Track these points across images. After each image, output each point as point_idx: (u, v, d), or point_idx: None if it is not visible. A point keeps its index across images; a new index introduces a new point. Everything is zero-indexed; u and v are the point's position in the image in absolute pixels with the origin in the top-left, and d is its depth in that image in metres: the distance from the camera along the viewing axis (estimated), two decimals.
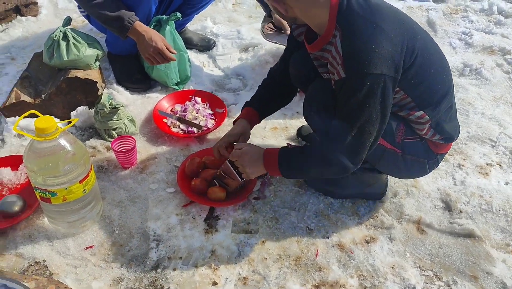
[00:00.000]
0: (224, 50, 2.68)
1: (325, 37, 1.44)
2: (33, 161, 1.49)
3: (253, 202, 1.83)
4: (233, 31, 2.81)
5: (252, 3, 3.20)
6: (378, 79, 1.32)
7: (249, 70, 2.52)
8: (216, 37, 2.77)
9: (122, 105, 2.03)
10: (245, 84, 2.47)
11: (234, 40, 2.74)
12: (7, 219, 1.72)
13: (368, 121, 1.38)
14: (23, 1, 2.83)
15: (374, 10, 1.37)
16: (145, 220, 1.75)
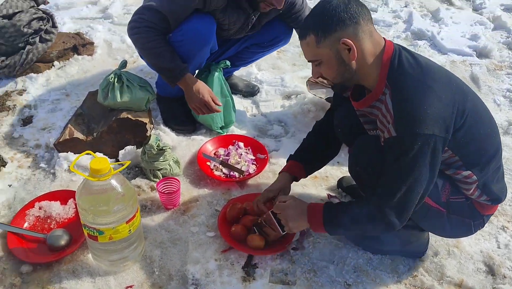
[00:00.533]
0: (268, 97, 2.75)
1: (375, 94, 1.47)
2: (85, 199, 1.55)
3: (292, 252, 1.83)
4: (276, 78, 2.89)
5: (296, 51, 3.29)
6: (429, 140, 1.34)
7: (291, 117, 2.57)
8: (260, 84, 2.85)
9: (169, 147, 2.10)
10: (287, 131, 2.51)
11: (277, 87, 2.81)
12: (54, 253, 1.78)
13: (416, 180, 1.39)
14: (81, 41, 3.00)
15: (425, 70, 1.40)
16: (185, 263, 1.78)
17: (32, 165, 2.20)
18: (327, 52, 1.42)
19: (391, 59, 1.42)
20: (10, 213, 1.95)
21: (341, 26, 1.38)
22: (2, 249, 1.79)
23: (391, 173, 1.44)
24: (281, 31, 2.45)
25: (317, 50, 1.43)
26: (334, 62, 1.44)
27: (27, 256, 1.75)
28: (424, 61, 1.45)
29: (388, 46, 1.45)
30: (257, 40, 2.48)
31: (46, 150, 2.28)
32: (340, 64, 1.44)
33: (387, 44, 1.45)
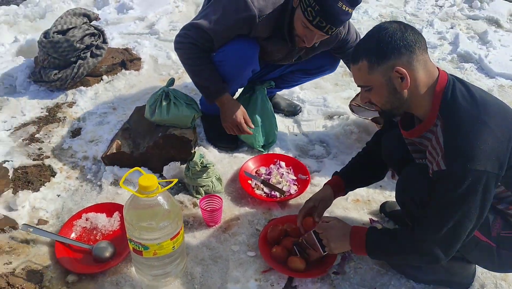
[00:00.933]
0: (310, 116, 2.75)
1: (426, 125, 1.45)
2: (132, 215, 1.59)
3: (332, 276, 1.81)
4: (319, 98, 2.89)
5: (339, 70, 3.26)
6: (481, 176, 1.31)
7: (333, 138, 2.56)
8: (302, 103, 2.85)
9: (212, 165, 2.13)
10: (329, 152, 2.50)
11: (319, 107, 2.81)
12: (98, 264, 1.82)
13: (465, 216, 1.36)
14: (129, 57, 3.10)
15: (479, 103, 1.37)
16: (225, 281, 1.78)
17: (79, 176, 2.27)
18: (379, 79, 1.42)
19: (444, 90, 1.40)
20: (58, 223, 2.02)
21: (396, 54, 1.37)
22: (50, 258, 1.85)
23: (439, 206, 1.41)
24: (327, 61, 2.46)
25: (369, 77, 1.43)
26: (385, 90, 1.43)
27: (73, 266, 1.80)
28: (479, 94, 1.42)
29: (442, 76, 1.43)
30: (303, 66, 2.49)
31: (93, 162, 2.35)
32: (391, 92, 1.43)
33: (441, 75, 1.43)
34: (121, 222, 1.97)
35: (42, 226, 1.98)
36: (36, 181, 2.23)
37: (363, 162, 1.93)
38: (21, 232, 1.94)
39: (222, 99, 2.19)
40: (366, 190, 2.23)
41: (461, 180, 1.31)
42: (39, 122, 2.66)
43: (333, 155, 2.47)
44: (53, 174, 2.28)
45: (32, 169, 2.30)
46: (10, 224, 1.97)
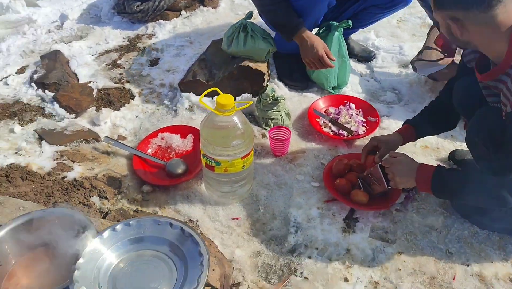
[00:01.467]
0: (384, 64, 2.70)
1: (502, 67, 1.40)
2: (208, 131, 1.68)
3: (394, 213, 1.84)
4: (395, 46, 2.82)
5: (417, 22, 3.17)
6: None
7: (407, 86, 2.52)
8: (377, 50, 2.80)
9: (283, 98, 2.17)
10: (400, 99, 2.47)
11: (395, 55, 2.75)
12: (171, 179, 1.95)
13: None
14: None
15: None
16: (288, 206, 1.86)
17: (156, 101, 2.40)
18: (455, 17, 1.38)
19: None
20: (135, 140, 2.16)
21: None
22: (127, 169, 2.00)
23: (510, 149, 1.38)
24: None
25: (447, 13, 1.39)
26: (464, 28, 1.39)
27: (148, 177, 1.94)
28: None
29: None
30: (376, 1, 2.43)
31: (170, 89, 2.46)
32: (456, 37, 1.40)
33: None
34: (194, 143, 2.08)
35: (122, 141, 2.13)
36: (116, 101, 2.38)
37: (436, 110, 1.89)
38: (103, 144, 2.10)
39: (300, 35, 2.19)
40: (435, 137, 2.19)
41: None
42: (121, 50, 2.80)
43: (405, 102, 2.43)
44: (132, 97, 2.42)
45: (114, 91, 2.45)
46: (93, 136, 2.14)
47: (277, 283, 1.59)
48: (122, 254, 1.20)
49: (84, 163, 2.00)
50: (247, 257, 1.68)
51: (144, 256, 1.21)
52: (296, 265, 1.66)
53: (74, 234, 1.26)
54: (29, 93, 2.41)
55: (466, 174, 1.59)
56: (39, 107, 2.32)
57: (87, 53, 2.74)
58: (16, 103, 2.35)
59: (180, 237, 1.22)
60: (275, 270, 1.64)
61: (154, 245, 1.22)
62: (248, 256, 1.68)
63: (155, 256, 1.21)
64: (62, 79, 2.42)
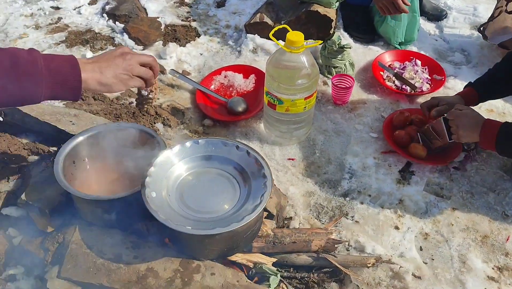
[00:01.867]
0: (455, 24, 2.60)
1: None
2: (274, 68, 1.69)
3: (452, 170, 1.81)
4: (469, 7, 2.70)
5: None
6: None
7: (477, 48, 2.42)
8: (449, 10, 2.70)
9: (350, 47, 2.15)
10: (469, 61, 2.38)
11: (468, 16, 2.64)
12: (231, 115, 1.99)
13: None
14: None
15: None
16: (345, 153, 1.87)
17: (221, 41, 2.43)
18: None
19: None
20: (199, 76, 2.21)
21: None
22: (190, 103, 2.07)
23: None
24: None
25: None
26: None
27: (210, 112, 1.99)
28: None
29: None
30: None
31: (235, 30, 2.48)
32: None
33: None
34: (255, 84, 2.11)
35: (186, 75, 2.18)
36: (182, 38, 2.42)
37: (502, 71, 1.82)
38: (168, 76, 2.16)
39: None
40: (502, 102, 2.12)
41: None
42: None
43: (473, 65, 2.35)
44: (197, 35, 2.46)
45: (180, 28, 2.50)
46: (160, 69, 2.20)
47: (328, 223, 1.63)
48: (191, 168, 1.26)
49: None
50: (300, 196, 1.72)
51: (210, 173, 1.27)
52: (348, 209, 1.68)
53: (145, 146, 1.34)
54: (101, 23, 2.49)
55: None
56: (109, 37, 2.40)
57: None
58: (88, 32, 2.44)
59: (245, 159, 1.26)
60: (327, 211, 1.68)
61: (221, 164, 1.27)
62: (301, 194, 1.72)
63: (221, 174, 1.26)
64: (132, 12, 2.48)
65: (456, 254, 1.56)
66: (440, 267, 1.52)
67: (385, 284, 1.46)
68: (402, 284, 1.46)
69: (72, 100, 1.04)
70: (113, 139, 1.36)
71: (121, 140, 1.37)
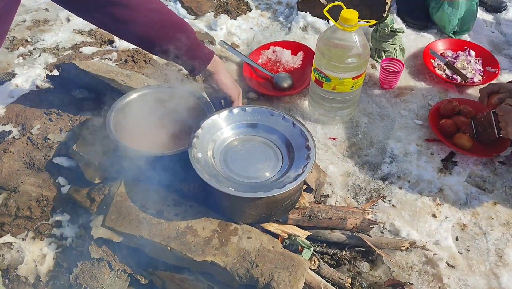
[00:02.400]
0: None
1: None
2: (325, 45, 1.69)
3: (497, 164, 1.78)
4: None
5: None
6: None
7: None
8: (509, 1, 2.60)
9: (402, 31, 2.11)
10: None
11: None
12: (276, 91, 2.01)
13: None
14: None
15: None
16: (387, 137, 1.86)
17: (271, 17, 2.43)
18: None
19: None
20: (247, 49, 2.23)
21: None
22: (237, 75, 2.09)
23: None
24: None
25: None
26: None
27: (255, 85, 2.01)
28: None
29: None
30: None
31: (286, 7, 2.48)
32: None
33: None
34: (303, 61, 2.11)
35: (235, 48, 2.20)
36: (234, 11, 2.44)
37: None
38: (217, 47, 2.19)
39: None
40: None
41: None
42: None
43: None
44: (249, 9, 2.47)
45: (232, 1, 2.51)
46: (209, 39, 2.23)
47: (364, 204, 1.63)
48: (237, 134, 1.29)
49: None
50: (339, 175, 1.72)
51: (255, 140, 1.29)
52: (385, 192, 1.68)
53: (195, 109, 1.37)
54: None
55: None
56: None
57: None
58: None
59: (290, 129, 1.28)
60: (364, 192, 1.68)
61: (266, 133, 1.29)
62: (340, 174, 1.73)
63: (265, 143, 1.28)
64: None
65: (493, 247, 1.54)
66: (475, 259, 1.51)
67: (417, 269, 1.47)
68: (435, 271, 1.46)
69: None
70: (164, 99, 1.40)
71: (171, 101, 1.40)
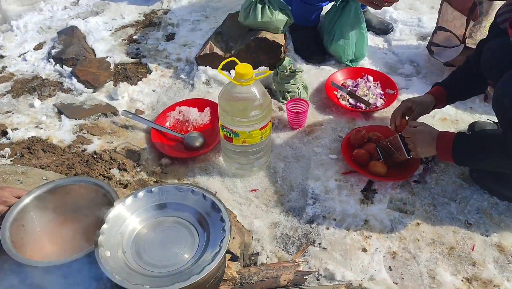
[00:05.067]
0: (402, 36, 2.66)
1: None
2: (226, 102, 1.67)
3: (413, 184, 1.83)
4: (413, 19, 2.77)
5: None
6: None
7: (425, 59, 2.48)
8: (394, 23, 2.76)
9: (301, 71, 2.16)
10: (418, 72, 2.43)
11: (413, 28, 2.70)
12: (189, 151, 1.96)
13: None
14: None
15: None
16: (306, 178, 1.86)
17: (173, 75, 2.41)
18: None
19: None
20: (153, 114, 2.17)
21: None
22: (146, 142, 2.02)
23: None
24: None
25: None
26: None
27: (166, 150, 1.96)
28: None
29: None
30: None
31: (186, 63, 2.46)
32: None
33: None
34: (212, 116, 2.09)
35: (139, 115, 2.14)
36: (133, 76, 2.39)
37: (465, 74, 1.87)
38: (121, 117, 2.12)
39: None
40: (454, 109, 2.17)
41: None
42: (137, 26, 2.80)
43: (423, 75, 2.40)
44: (149, 72, 2.43)
45: (130, 66, 2.46)
46: (111, 110, 2.16)
47: (295, 253, 1.60)
48: (145, 220, 1.22)
49: (103, 136, 2.02)
50: (266, 228, 1.69)
51: (166, 222, 1.23)
52: (314, 236, 1.67)
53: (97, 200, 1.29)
54: (47, 68, 2.43)
55: (487, 137, 1.58)
56: (58, 82, 2.34)
57: (103, 29, 2.74)
58: (35, 79, 2.37)
59: (201, 203, 1.23)
60: (293, 241, 1.66)
61: (176, 212, 1.24)
62: (267, 226, 1.70)
63: (177, 222, 1.23)
64: (79, 54, 2.43)
65: (425, 270, 1.56)
66: (411, 286, 1.52)
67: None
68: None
69: None
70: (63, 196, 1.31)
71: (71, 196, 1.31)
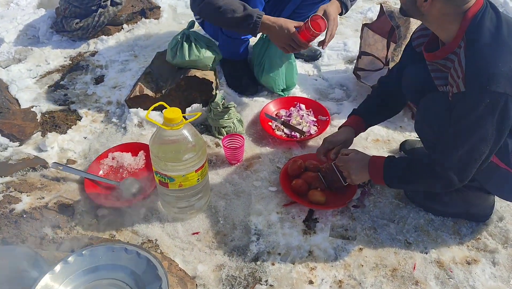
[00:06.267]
0: (330, 61, 2.74)
1: (451, 46, 1.45)
2: (158, 147, 1.64)
3: (352, 209, 1.86)
4: (339, 43, 2.87)
5: (359, 17, 3.24)
6: (499, 98, 1.31)
7: (354, 82, 2.56)
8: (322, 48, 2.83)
9: (234, 106, 2.16)
10: (348, 95, 2.51)
11: (340, 52, 2.79)
12: (125, 199, 1.89)
13: (482, 139, 1.38)
14: (148, 5, 3.11)
15: (504, 28, 1.36)
16: (248, 214, 1.85)
17: (104, 120, 2.34)
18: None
19: (475, 15, 1.39)
20: (86, 162, 2.09)
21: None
22: (79, 194, 1.94)
23: (455, 129, 1.43)
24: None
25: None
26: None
27: (102, 200, 1.88)
28: (508, 20, 1.40)
29: (477, 2, 1.40)
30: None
31: (117, 106, 2.40)
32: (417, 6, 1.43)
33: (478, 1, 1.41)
34: (146, 160, 2.04)
35: (71, 165, 2.06)
36: (63, 124, 2.30)
37: (379, 97, 1.94)
38: (52, 170, 2.02)
39: (265, 22, 2.06)
40: (386, 130, 2.25)
41: (478, 101, 1.32)
42: (63, 70, 2.71)
43: (353, 98, 2.48)
44: (79, 118, 2.35)
45: (59, 114, 2.37)
46: (40, 163, 2.06)
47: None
48: (77, 287, 1.16)
49: (33, 192, 1.92)
50: (210, 271, 1.65)
51: (100, 286, 1.17)
52: (260, 274, 1.65)
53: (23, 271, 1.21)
54: None
55: (413, 159, 1.65)
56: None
57: (27, 76, 2.64)
58: None
59: (136, 262, 1.18)
60: (240, 281, 1.63)
61: (110, 273, 1.18)
62: (212, 270, 1.66)
63: (112, 284, 1.17)
64: (2, 106, 2.32)
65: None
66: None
67: None
68: None
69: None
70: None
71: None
